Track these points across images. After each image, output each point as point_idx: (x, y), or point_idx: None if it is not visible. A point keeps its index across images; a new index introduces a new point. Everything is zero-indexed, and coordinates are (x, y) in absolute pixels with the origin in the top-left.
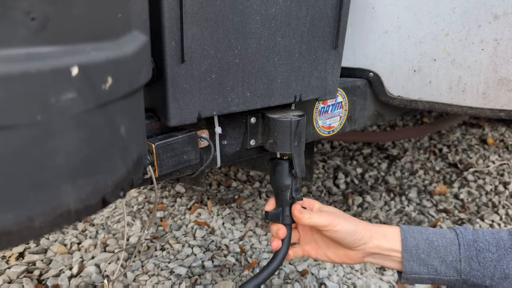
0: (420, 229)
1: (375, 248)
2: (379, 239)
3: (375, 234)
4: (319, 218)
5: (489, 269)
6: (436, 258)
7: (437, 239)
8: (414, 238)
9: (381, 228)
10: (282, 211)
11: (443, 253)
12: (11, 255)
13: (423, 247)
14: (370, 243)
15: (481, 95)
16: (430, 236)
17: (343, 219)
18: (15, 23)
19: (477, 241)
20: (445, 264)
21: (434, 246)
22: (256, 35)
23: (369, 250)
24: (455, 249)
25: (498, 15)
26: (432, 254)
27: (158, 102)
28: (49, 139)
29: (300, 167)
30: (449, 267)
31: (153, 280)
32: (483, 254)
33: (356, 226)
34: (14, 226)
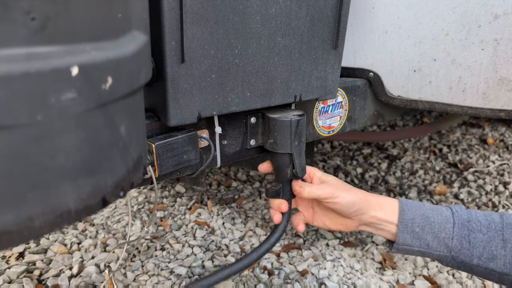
0: (418, 203)
1: (371, 218)
2: (376, 210)
3: (373, 205)
4: (320, 191)
5: (478, 249)
6: (429, 233)
7: (433, 215)
8: (411, 211)
9: (380, 200)
10: (283, 187)
11: (437, 229)
12: (11, 255)
13: (419, 221)
14: (367, 214)
15: (481, 95)
16: (427, 212)
17: (343, 190)
18: (15, 23)
19: (470, 221)
20: (437, 240)
21: (430, 221)
22: (256, 35)
23: (366, 219)
24: (449, 227)
25: (498, 15)
26: (427, 229)
27: (158, 102)
28: (49, 139)
29: (300, 167)
30: (441, 243)
31: (153, 280)
32: (474, 234)
33: (356, 198)
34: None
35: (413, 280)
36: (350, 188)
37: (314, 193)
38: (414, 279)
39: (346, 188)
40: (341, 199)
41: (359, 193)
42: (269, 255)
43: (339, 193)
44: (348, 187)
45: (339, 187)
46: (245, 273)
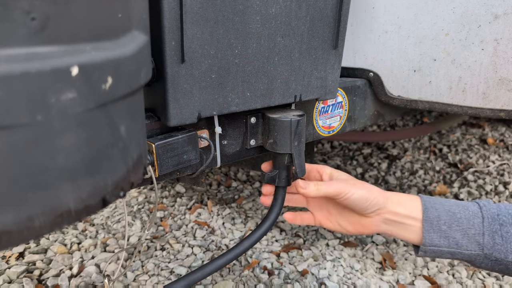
0: (441, 200)
1: (391, 214)
2: (395, 206)
3: (390, 199)
4: (328, 188)
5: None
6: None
7: (459, 211)
8: (435, 208)
9: (397, 196)
10: (279, 173)
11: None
12: (11, 255)
13: (445, 219)
14: (385, 209)
15: (481, 95)
16: (452, 208)
17: (354, 185)
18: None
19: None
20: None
21: (457, 218)
22: (256, 35)
23: (385, 216)
24: (478, 222)
25: (498, 15)
26: (454, 226)
27: (158, 102)
28: (49, 139)
29: (300, 167)
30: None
31: (153, 280)
32: (506, 228)
33: (369, 192)
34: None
35: (413, 280)
36: (363, 183)
37: (322, 191)
38: (414, 279)
39: (358, 183)
40: (352, 194)
41: (374, 188)
42: (269, 255)
43: (349, 188)
44: (361, 182)
45: (349, 182)
46: (245, 273)
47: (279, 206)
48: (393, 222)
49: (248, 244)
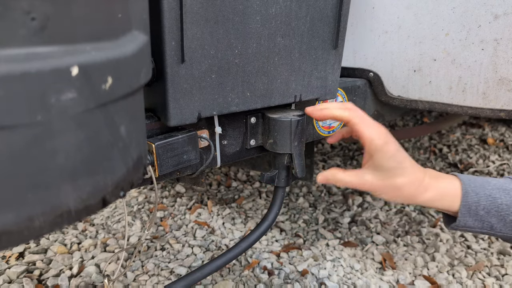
0: (482, 182)
1: (426, 202)
2: (433, 180)
3: (428, 172)
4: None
5: None
6: (495, 216)
7: (500, 196)
8: (476, 193)
9: (439, 189)
10: (278, 174)
11: (504, 212)
12: (11, 255)
13: (484, 204)
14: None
15: (481, 95)
16: (494, 192)
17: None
18: (15, 23)
19: None
20: (503, 222)
21: (497, 204)
22: (256, 35)
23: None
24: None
25: (498, 15)
26: (493, 212)
27: (158, 102)
28: (49, 139)
29: (300, 167)
30: (507, 225)
31: (153, 280)
32: None
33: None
34: (14, 226)
35: (413, 280)
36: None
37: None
38: (414, 279)
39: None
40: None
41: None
42: (269, 255)
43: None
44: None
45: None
46: (245, 273)
47: (278, 206)
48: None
49: (247, 244)
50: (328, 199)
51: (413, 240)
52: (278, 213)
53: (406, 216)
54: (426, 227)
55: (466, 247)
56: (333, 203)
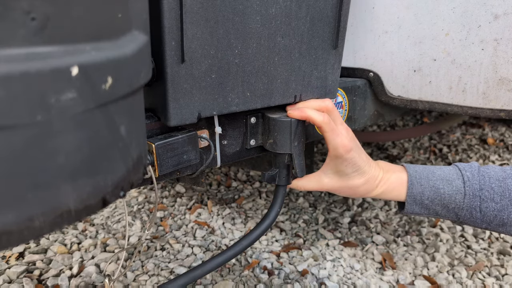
0: (428, 173)
1: (377, 195)
2: (385, 194)
3: (379, 183)
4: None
5: (489, 217)
6: (439, 204)
7: (443, 187)
8: (420, 184)
9: (389, 183)
10: (279, 172)
11: (447, 201)
12: (11, 255)
13: (428, 194)
14: (368, 172)
15: (481, 95)
16: (437, 183)
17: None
18: (15, 23)
19: (483, 189)
20: (447, 209)
21: (440, 193)
22: (256, 35)
23: (369, 178)
24: (460, 198)
25: (498, 15)
26: (436, 201)
27: (158, 102)
28: (49, 139)
29: (300, 167)
30: (450, 212)
31: (153, 280)
32: (486, 203)
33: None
34: (14, 226)
35: (413, 280)
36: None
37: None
38: (414, 279)
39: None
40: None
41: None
42: (269, 255)
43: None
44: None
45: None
46: (245, 273)
47: (278, 205)
48: (378, 187)
49: (247, 243)
50: (328, 199)
51: (413, 240)
52: (279, 211)
53: (406, 216)
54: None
55: (466, 247)
56: (333, 203)
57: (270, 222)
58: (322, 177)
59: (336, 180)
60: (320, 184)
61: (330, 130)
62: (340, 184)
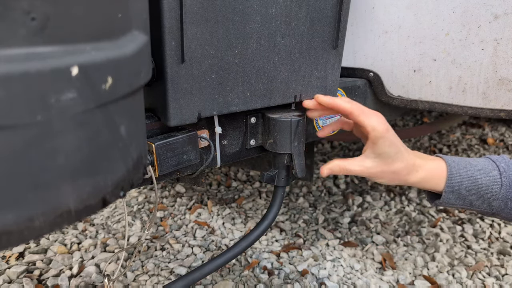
0: (465, 163)
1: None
2: (422, 161)
3: (417, 154)
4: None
5: None
6: (475, 195)
7: (481, 177)
8: (459, 174)
9: (427, 170)
10: (278, 173)
11: (483, 191)
12: (11, 255)
13: (466, 184)
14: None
15: (481, 95)
16: (475, 173)
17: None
18: (15, 23)
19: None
20: (482, 200)
21: (477, 184)
22: (256, 35)
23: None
24: (496, 188)
25: (498, 15)
26: (473, 191)
27: (158, 102)
28: (49, 139)
29: (300, 167)
30: (485, 202)
31: (153, 280)
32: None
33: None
34: (14, 226)
35: (413, 280)
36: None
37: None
38: (414, 279)
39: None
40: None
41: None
42: (269, 255)
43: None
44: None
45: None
46: (245, 273)
47: (277, 205)
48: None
49: (247, 244)
50: (328, 199)
51: (413, 240)
52: (277, 212)
53: (406, 216)
54: (426, 227)
55: (466, 247)
56: (333, 203)
57: (269, 223)
58: (366, 161)
59: (380, 163)
60: (364, 167)
61: (362, 113)
62: (383, 168)
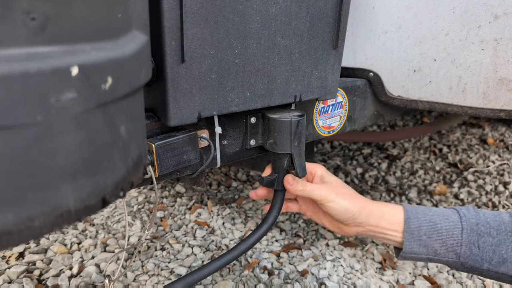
0: (424, 209)
1: (371, 227)
2: (376, 220)
3: (373, 214)
4: (313, 192)
5: (488, 253)
6: (437, 241)
7: (440, 221)
8: (417, 219)
9: (381, 208)
10: (278, 177)
11: (445, 236)
12: (11, 255)
13: (426, 229)
14: (365, 223)
15: (481, 95)
16: (434, 218)
17: (340, 195)
18: (15, 23)
19: (479, 224)
20: (446, 247)
21: (437, 228)
22: (256, 35)
23: (364, 228)
24: (457, 232)
25: (498, 15)
26: (434, 236)
27: (158, 102)
28: (49, 139)
29: (300, 167)
30: (449, 249)
31: (153, 280)
32: (483, 238)
33: (352, 205)
34: (14, 226)
35: (413, 280)
36: (349, 194)
37: (307, 192)
38: (414, 279)
39: (345, 193)
40: (335, 204)
41: (359, 201)
42: (269, 255)
43: (334, 197)
44: (348, 192)
45: (337, 191)
46: (245, 273)
47: (277, 209)
48: (374, 232)
49: (246, 247)
50: None
51: None
52: (277, 216)
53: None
54: None
55: None
56: None
57: (268, 227)
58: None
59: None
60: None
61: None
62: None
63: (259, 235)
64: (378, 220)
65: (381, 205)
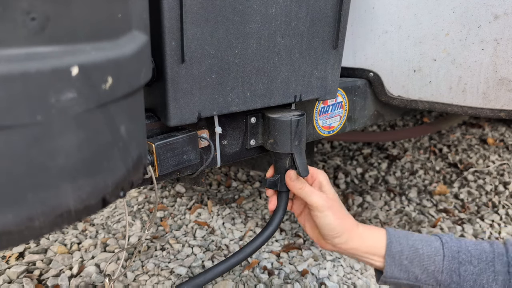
0: (406, 234)
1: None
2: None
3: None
4: (310, 195)
5: (469, 282)
6: (418, 266)
7: (422, 247)
8: (399, 243)
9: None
10: (280, 178)
11: (426, 262)
12: (11, 255)
13: (407, 254)
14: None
15: (481, 95)
16: (416, 243)
17: (332, 210)
18: (15, 23)
19: (460, 252)
20: (426, 273)
21: (419, 254)
22: (256, 35)
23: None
24: (439, 259)
25: (498, 15)
26: (415, 262)
27: (158, 102)
28: (49, 139)
29: (302, 166)
30: (430, 276)
31: (153, 280)
32: (464, 266)
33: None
34: (14, 226)
35: None
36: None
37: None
38: None
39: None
40: (324, 216)
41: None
42: (269, 255)
43: (325, 209)
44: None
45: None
46: (245, 273)
47: (282, 211)
48: (353, 255)
49: (252, 249)
50: None
51: None
52: (282, 218)
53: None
54: (426, 227)
55: None
56: None
57: (274, 229)
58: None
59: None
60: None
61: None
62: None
63: (265, 237)
64: (359, 244)
65: (365, 229)
